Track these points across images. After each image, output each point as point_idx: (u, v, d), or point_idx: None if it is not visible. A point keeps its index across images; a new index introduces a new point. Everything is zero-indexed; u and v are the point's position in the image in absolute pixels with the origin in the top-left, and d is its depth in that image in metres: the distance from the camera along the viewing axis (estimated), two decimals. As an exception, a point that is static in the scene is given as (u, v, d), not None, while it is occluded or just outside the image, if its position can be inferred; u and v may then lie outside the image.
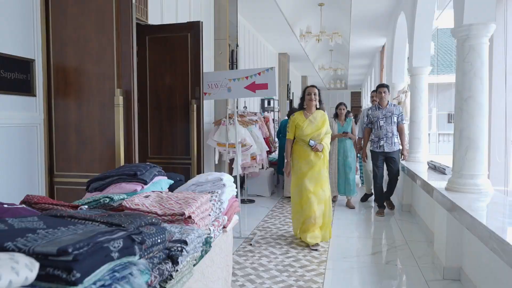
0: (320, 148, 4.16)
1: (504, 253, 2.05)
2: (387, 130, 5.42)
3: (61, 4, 2.74)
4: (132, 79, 2.70)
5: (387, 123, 5.44)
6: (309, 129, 4.20)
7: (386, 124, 5.44)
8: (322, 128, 4.21)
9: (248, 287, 3.17)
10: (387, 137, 5.41)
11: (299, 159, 4.26)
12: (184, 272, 1.36)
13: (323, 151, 4.19)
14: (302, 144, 4.24)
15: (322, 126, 4.22)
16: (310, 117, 4.26)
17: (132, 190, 1.77)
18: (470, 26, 3.21)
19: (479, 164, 3.30)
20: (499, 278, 2.53)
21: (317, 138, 4.19)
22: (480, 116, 3.28)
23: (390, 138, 5.42)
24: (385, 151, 5.43)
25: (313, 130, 4.20)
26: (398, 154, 5.51)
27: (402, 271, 3.61)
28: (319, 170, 4.21)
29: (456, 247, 3.33)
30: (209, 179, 2.00)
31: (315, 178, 4.19)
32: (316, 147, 4.15)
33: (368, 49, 11.91)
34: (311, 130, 4.20)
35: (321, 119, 4.26)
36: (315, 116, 4.26)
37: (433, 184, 3.79)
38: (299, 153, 4.26)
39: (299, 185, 4.24)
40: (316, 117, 4.26)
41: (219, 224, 1.83)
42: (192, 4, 5.37)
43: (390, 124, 5.44)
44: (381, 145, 5.44)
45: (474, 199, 3.09)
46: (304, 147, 4.22)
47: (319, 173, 4.20)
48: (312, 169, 4.19)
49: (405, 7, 6.47)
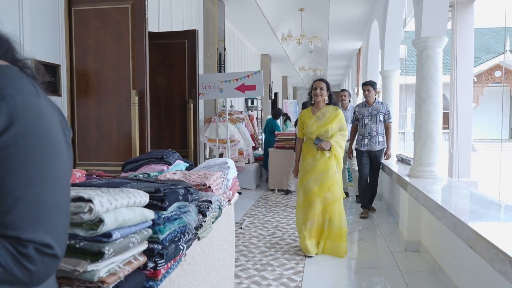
0: (326, 146, 3.76)
1: (444, 218, 2.65)
2: (371, 128, 5.28)
3: (83, 18, 3.21)
4: (145, 81, 3.20)
5: (372, 121, 5.29)
6: (315, 126, 3.85)
7: (371, 123, 5.30)
8: (331, 125, 3.81)
9: (241, 260, 3.71)
10: (371, 135, 5.28)
11: (304, 157, 3.96)
12: (208, 224, 1.88)
13: (332, 150, 3.79)
14: (309, 143, 3.92)
15: (331, 122, 3.82)
16: (318, 113, 3.90)
17: (160, 170, 2.27)
18: (427, 39, 3.83)
19: (435, 154, 3.94)
20: (447, 247, 3.15)
21: (325, 136, 3.81)
22: (435, 114, 3.91)
23: (374, 136, 5.28)
24: (368, 150, 5.32)
25: (319, 127, 3.83)
26: (382, 154, 5.37)
27: (371, 246, 4.22)
28: (325, 170, 3.78)
29: (416, 224, 3.95)
30: (216, 162, 2.53)
31: (320, 178, 3.79)
32: (322, 145, 3.76)
33: (346, 52, 12.60)
34: (317, 127, 3.84)
35: (332, 115, 3.86)
36: (323, 112, 3.89)
37: (398, 172, 4.42)
38: (305, 151, 3.95)
39: (304, 184, 3.91)
40: (325, 113, 3.88)
41: (226, 197, 2.35)
42: (184, 12, 5.86)
43: (375, 122, 5.28)
44: (364, 144, 5.33)
45: (430, 183, 3.71)
46: (310, 145, 3.89)
47: (324, 173, 3.78)
48: (315, 168, 3.81)
49: (377, 15, 7.13)
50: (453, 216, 2.46)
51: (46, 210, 0.69)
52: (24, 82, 0.74)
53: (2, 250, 0.64)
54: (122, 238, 1.07)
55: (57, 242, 0.70)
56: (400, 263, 3.64)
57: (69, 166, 0.77)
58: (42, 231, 0.68)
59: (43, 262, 0.68)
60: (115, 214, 1.04)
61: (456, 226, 2.40)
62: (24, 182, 0.68)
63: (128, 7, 3.16)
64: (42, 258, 0.67)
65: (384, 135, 5.35)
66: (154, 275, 1.27)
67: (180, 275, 1.57)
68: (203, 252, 1.90)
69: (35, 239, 0.67)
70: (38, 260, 0.67)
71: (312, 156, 3.85)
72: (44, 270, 0.68)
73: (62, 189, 0.73)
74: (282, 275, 3.36)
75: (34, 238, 0.67)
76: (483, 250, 1.99)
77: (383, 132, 5.34)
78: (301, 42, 10.13)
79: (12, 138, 0.68)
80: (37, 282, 0.69)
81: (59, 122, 0.77)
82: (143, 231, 1.18)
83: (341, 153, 3.88)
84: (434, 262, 3.43)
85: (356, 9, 8.00)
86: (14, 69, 0.77)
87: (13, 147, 0.68)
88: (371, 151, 5.33)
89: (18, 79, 0.73)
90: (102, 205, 0.99)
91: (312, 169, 3.83)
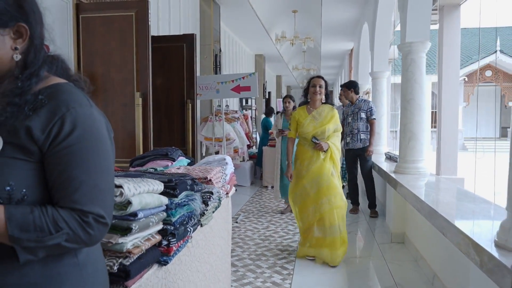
0: (324, 147, 3.54)
1: (422, 209, 2.92)
2: (352, 126, 5.35)
3: (90, 25, 3.44)
4: (148, 84, 3.44)
5: (354, 120, 5.35)
6: (311, 126, 3.62)
7: (353, 121, 5.36)
8: (328, 125, 3.59)
9: (237, 251, 3.96)
10: (353, 133, 5.33)
11: (299, 160, 3.70)
12: (210, 213, 2.13)
13: (328, 152, 3.57)
14: (304, 143, 3.69)
15: (328, 122, 3.60)
16: (314, 113, 3.67)
17: (164, 165, 2.50)
18: (411, 43, 4.10)
19: (419, 152, 4.21)
20: (428, 238, 3.42)
21: (321, 137, 3.59)
22: (419, 114, 4.18)
23: (356, 134, 5.32)
24: (351, 148, 5.38)
25: (315, 127, 3.61)
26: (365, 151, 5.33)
27: (359, 238, 4.49)
28: (322, 173, 3.54)
29: (401, 217, 4.22)
30: (215, 159, 2.77)
31: (317, 182, 3.54)
32: (320, 144, 3.54)
33: (338, 52, 12.89)
34: (313, 127, 3.61)
35: (328, 115, 3.64)
36: (320, 112, 3.67)
37: (385, 168, 4.69)
38: (300, 153, 3.71)
39: (299, 189, 3.68)
40: (321, 113, 3.66)
41: (225, 190, 2.60)
42: (182, 15, 6.09)
43: (356, 120, 5.32)
44: (347, 142, 5.40)
45: (414, 179, 3.98)
46: (305, 146, 3.66)
47: (320, 176, 3.54)
48: (312, 172, 3.57)
49: (368, 18, 7.40)
50: (429, 206, 2.73)
51: (100, 191, 0.94)
52: (80, 96, 0.98)
53: (72, 219, 0.89)
54: (144, 217, 1.31)
55: (107, 214, 0.94)
56: (386, 253, 3.90)
57: (113, 159, 1.01)
58: (98, 206, 0.92)
59: (98, 228, 0.92)
60: (139, 198, 1.28)
61: (431, 216, 2.67)
62: (85, 171, 0.92)
63: (132, 14, 3.39)
64: (97, 225, 0.92)
65: (367, 133, 5.35)
66: (167, 251, 1.51)
67: (186, 255, 1.82)
68: (205, 237, 2.15)
69: (93, 211, 0.91)
70: (95, 226, 0.91)
71: (308, 158, 3.61)
72: (99, 234, 0.93)
73: (110, 176, 0.98)
74: (275, 264, 3.62)
75: (93, 210, 0.91)
76: (452, 235, 2.25)
77: (367, 130, 5.35)
78: (295, 43, 10.40)
79: (75, 139, 0.92)
80: (93, 243, 0.94)
81: (105, 125, 1.01)
82: (159, 213, 1.43)
83: (338, 155, 3.66)
84: (416, 252, 3.70)
85: (347, 12, 8.27)
86: (71, 85, 1.00)
87: (76, 145, 0.92)
88: (353, 149, 5.37)
89: (76, 94, 0.97)
90: (130, 190, 1.23)
91: (308, 173, 3.58)
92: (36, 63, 0.97)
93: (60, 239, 0.87)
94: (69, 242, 0.89)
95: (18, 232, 0.84)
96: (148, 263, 1.38)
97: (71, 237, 0.88)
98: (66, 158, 0.91)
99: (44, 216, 0.87)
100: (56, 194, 0.91)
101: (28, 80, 0.94)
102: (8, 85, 0.94)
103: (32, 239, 0.85)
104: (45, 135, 0.90)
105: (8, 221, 0.83)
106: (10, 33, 0.94)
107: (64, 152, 0.91)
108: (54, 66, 1.04)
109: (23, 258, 0.85)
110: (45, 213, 0.87)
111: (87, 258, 0.98)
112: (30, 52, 0.97)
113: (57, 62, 1.04)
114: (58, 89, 0.97)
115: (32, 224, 0.85)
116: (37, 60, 0.98)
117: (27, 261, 0.86)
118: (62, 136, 0.90)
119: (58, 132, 0.90)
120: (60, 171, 0.91)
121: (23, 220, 0.85)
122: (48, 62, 1.02)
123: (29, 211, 0.86)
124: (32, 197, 0.90)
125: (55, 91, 0.96)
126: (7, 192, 0.86)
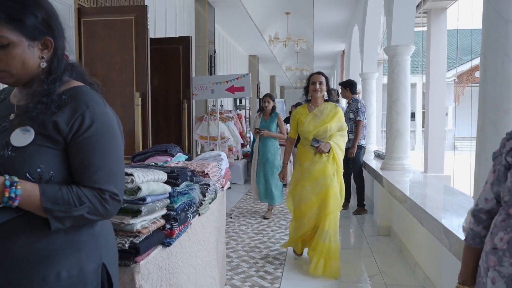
0: (325, 148, 3.31)
1: (405, 202, 3.14)
2: None
3: (91, 28, 3.62)
4: (147, 84, 3.62)
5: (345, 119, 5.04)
6: (312, 125, 3.42)
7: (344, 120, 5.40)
8: (330, 124, 3.38)
9: (232, 243, 4.16)
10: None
11: (300, 161, 3.50)
12: (207, 203, 2.33)
13: (331, 152, 3.34)
14: (305, 144, 3.48)
15: (330, 121, 3.39)
16: (315, 111, 3.47)
17: (164, 160, 2.69)
18: (396, 47, 4.32)
19: (404, 149, 4.43)
20: (412, 230, 3.64)
21: (323, 136, 3.37)
22: (404, 114, 4.41)
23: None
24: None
25: (316, 126, 3.40)
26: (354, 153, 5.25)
27: (348, 231, 4.71)
28: (324, 176, 3.34)
29: (387, 211, 4.45)
30: (212, 155, 2.97)
31: (318, 186, 3.35)
32: (321, 147, 3.31)
33: (330, 53, 13.12)
34: (314, 126, 3.40)
35: (331, 113, 3.43)
36: (321, 110, 3.46)
37: (373, 165, 4.91)
38: (301, 154, 3.51)
39: (298, 193, 3.49)
40: (323, 111, 3.45)
41: (220, 183, 2.79)
42: (177, 18, 6.27)
43: (346, 120, 5.00)
44: None
45: (399, 175, 4.21)
46: (306, 147, 3.45)
47: (323, 179, 3.34)
48: (313, 173, 3.37)
49: (358, 20, 7.63)
50: (410, 199, 2.95)
51: (114, 173, 1.15)
52: (96, 96, 1.18)
53: (92, 196, 1.09)
54: (151, 202, 1.51)
55: (120, 192, 1.15)
56: (372, 245, 4.12)
57: (123, 148, 1.22)
58: (113, 185, 1.13)
59: (113, 203, 1.13)
60: (147, 185, 1.48)
61: (412, 208, 2.88)
62: (102, 157, 1.13)
63: (132, 19, 3.58)
64: (112, 201, 1.12)
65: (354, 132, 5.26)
66: (170, 234, 1.71)
67: (186, 240, 2.01)
68: (202, 226, 2.35)
69: (109, 189, 1.12)
70: (111, 202, 1.12)
71: (309, 159, 3.39)
72: (113, 209, 1.14)
73: (121, 161, 1.19)
74: (268, 255, 3.82)
75: (109, 189, 1.12)
76: (428, 224, 2.47)
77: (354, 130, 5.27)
78: (288, 44, 10.62)
79: (94, 131, 1.12)
80: (109, 216, 1.15)
81: (115, 120, 1.21)
82: (164, 200, 1.62)
83: (341, 155, 3.43)
84: (401, 243, 3.92)
85: (338, 14, 8.49)
86: (88, 88, 1.20)
87: (94, 137, 1.12)
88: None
89: (92, 95, 1.17)
90: (139, 178, 1.43)
91: (309, 175, 3.38)
92: (59, 69, 1.17)
93: (83, 211, 1.08)
94: (90, 214, 1.09)
95: (51, 204, 1.04)
96: (154, 243, 1.57)
97: (91, 210, 1.09)
98: (86, 147, 1.11)
99: (70, 192, 1.07)
100: (79, 176, 1.12)
101: (52, 83, 1.15)
102: (37, 88, 1.14)
103: (62, 210, 1.05)
104: (69, 128, 1.10)
105: (42, 196, 1.03)
106: (38, 45, 1.13)
107: (84, 142, 1.11)
108: (74, 72, 1.24)
109: (54, 226, 1.05)
110: (70, 190, 1.08)
111: (101, 230, 1.19)
112: (53, 61, 1.16)
113: (75, 68, 1.24)
114: (78, 91, 1.17)
115: (61, 198, 1.06)
116: (60, 67, 1.18)
117: (56, 229, 1.06)
118: (83, 129, 1.11)
119: (79, 126, 1.10)
120: (82, 158, 1.11)
121: (54, 195, 1.05)
122: (69, 69, 1.22)
123: (58, 188, 1.07)
124: (58, 178, 1.10)
125: (76, 93, 1.16)
126: (38, 173, 1.07)
